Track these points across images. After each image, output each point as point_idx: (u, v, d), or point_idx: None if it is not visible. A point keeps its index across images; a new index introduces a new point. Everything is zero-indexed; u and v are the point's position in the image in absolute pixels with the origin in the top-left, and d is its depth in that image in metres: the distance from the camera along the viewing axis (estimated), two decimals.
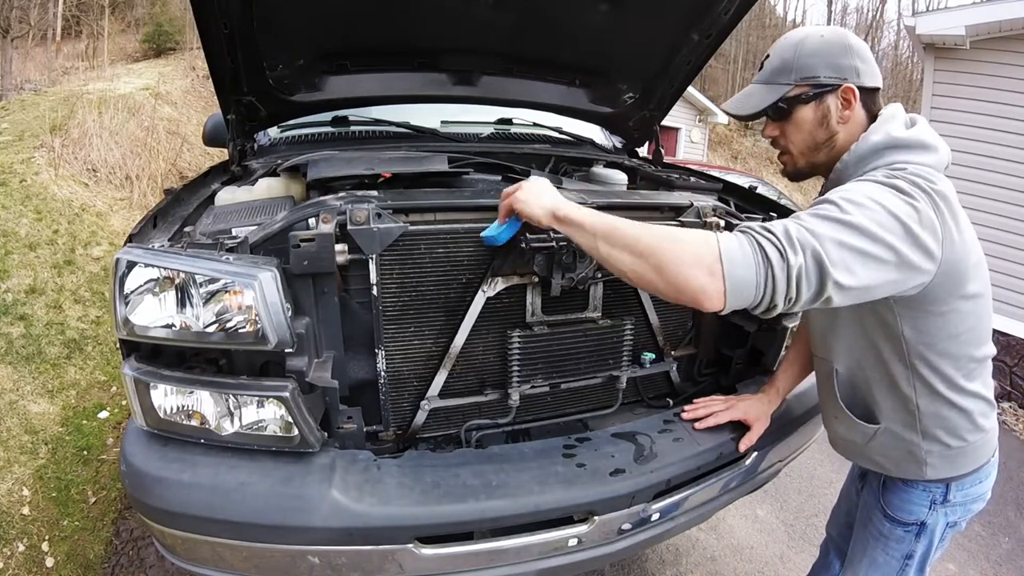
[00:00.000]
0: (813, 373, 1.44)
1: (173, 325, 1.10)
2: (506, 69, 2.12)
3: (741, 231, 0.90)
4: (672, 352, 1.67)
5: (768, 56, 1.10)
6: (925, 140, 1.00)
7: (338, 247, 1.21)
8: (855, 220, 0.86)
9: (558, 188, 1.66)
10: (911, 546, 1.18)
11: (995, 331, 5.39)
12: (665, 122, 2.58)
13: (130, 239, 1.21)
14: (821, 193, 1.08)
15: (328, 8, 1.69)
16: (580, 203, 1.12)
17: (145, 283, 1.08)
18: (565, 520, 1.22)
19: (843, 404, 1.19)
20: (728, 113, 1.15)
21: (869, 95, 1.06)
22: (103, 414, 2.93)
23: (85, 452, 2.64)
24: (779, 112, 1.08)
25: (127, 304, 1.08)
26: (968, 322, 1.01)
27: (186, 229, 1.34)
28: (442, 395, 1.41)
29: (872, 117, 1.06)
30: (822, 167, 1.11)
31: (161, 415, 1.15)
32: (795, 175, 1.16)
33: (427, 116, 2.25)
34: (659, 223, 1.57)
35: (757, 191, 2.04)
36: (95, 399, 3.03)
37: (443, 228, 1.32)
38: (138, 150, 6.34)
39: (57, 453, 2.57)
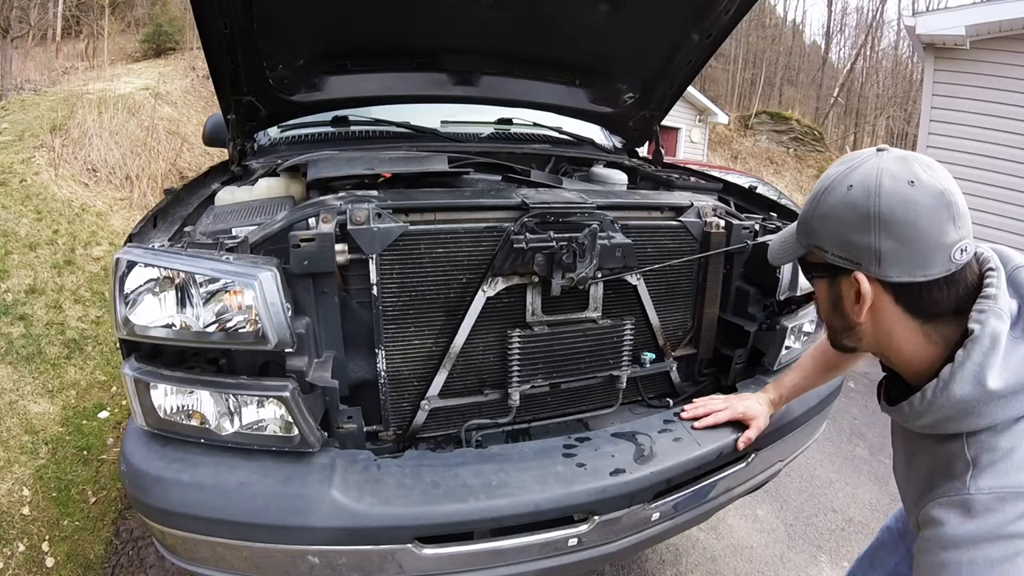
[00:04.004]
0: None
1: (173, 325, 1.10)
2: (506, 69, 2.12)
3: None
4: (672, 352, 1.67)
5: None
6: None
7: (338, 247, 1.21)
8: None
9: (558, 188, 1.67)
10: None
11: None
12: (665, 122, 2.58)
13: (130, 239, 1.21)
14: (899, 399, 0.80)
15: (328, 8, 1.69)
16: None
17: (145, 283, 1.08)
18: (565, 520, 1.22)
19: None
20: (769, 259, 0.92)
21: (906, 289, 0.73)
22: (103, 414, 2.93)
23: (85, 452, 2.63)
24: (804, 270, 0.85)
25: (127, 304, 1.08)
26: None
27: (186, 229, 1.34)
28: (442, 395, 1.41)
29: (926, 315, 0.74)
30: (859, 350, 0.85)
31: (161, 415, 1.15)
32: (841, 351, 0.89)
33: (427, 116, 2.25)
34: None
35: (757, 191, 2.05)
36: (95, 399, 3.03)
37: (443, 228, 1.32)
38: (138, 150, 6.34)
39: (57, 453, 2.57)
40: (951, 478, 0.73)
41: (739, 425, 1.42)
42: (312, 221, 1.25)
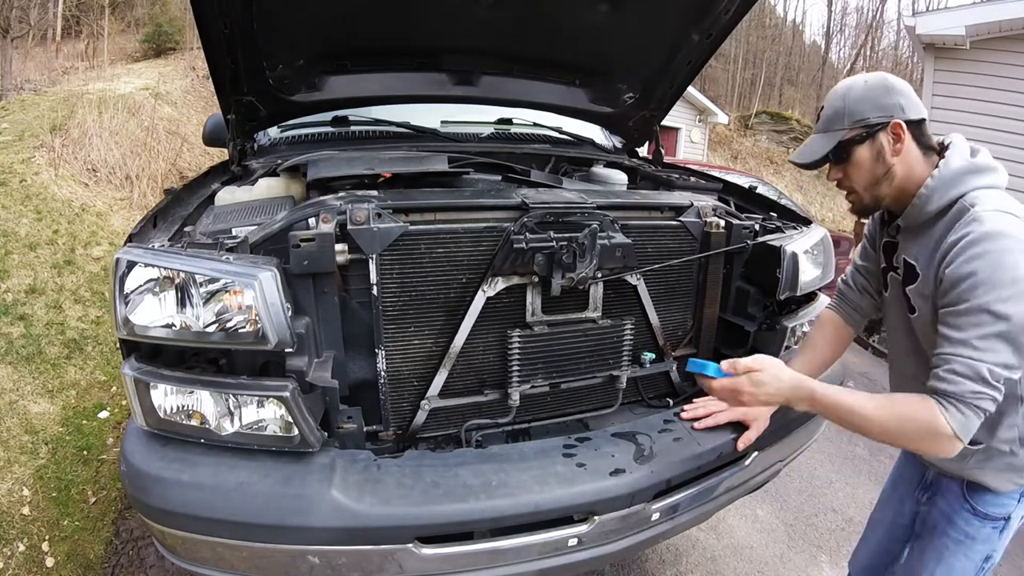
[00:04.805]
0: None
1: (173, 325, 1.10)
2: (506, 69, 2.12)
3: (957, 401, 1.00)
4: (672, 352, 1.67)
5: (822, 108, 1.21)
6: (992, 163, 1.13)
7: (338, 247, 1.21)
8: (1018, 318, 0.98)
9: (558, 188, 1.67)
10: (993, 544, 1.24)
11: None
12: (665, 122, 2.58)
13: (130, 239, 1.21)
14: (893, 219, 1.22)
15: (328, 8, 1.69)
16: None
17: (145, 283, 1.08)
18: (565, 520, 1.22)
19: None
20: (796, 164, 1.24)
21: (916, 127, 1.14)
22: (103, 414, 2.93)
23: (85, 452, 2.63)
24: (839, 155, 1.18)
25: (127, 304, 1.08)
26: None
27: (186, 229, 1.34)
28: (442, 395, 1.41)
29: (924, 146, 1.15)
30: (886, 198, 1.19)
31: (161, 415, 1.15)
32: (863, 211, 1.25)
33: (427, 116, 2.25)
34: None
35: (757, 191, 2.05)
36: (95, 399, 3.03)
37: (443, 228, 1.32)
38: (138, 150, 6.33)
39: (57, 453, 2.57)
40: (960, 220, 1.06)
41: (739, 425, 1.42)
42: (312, 221, 1.25)
